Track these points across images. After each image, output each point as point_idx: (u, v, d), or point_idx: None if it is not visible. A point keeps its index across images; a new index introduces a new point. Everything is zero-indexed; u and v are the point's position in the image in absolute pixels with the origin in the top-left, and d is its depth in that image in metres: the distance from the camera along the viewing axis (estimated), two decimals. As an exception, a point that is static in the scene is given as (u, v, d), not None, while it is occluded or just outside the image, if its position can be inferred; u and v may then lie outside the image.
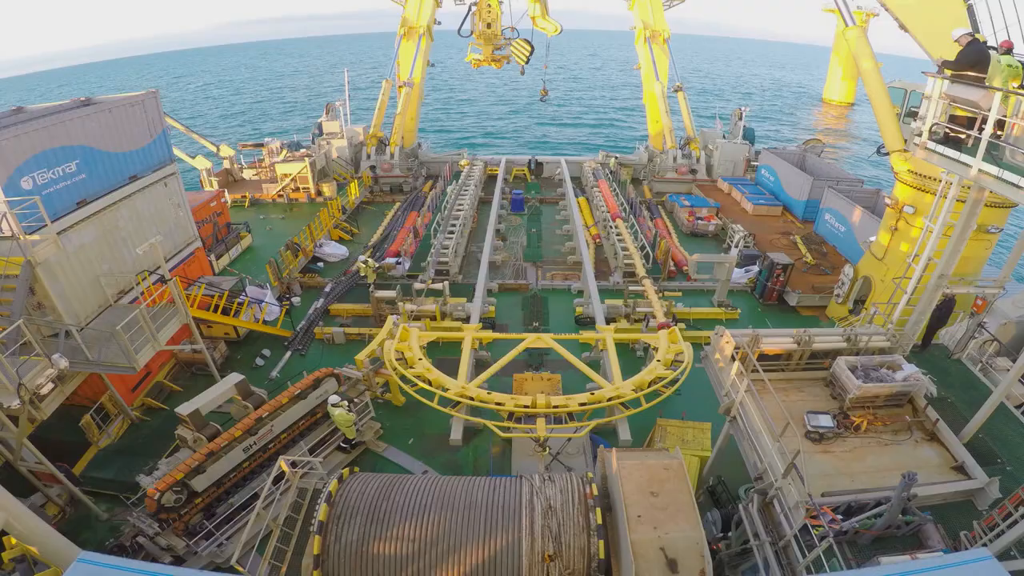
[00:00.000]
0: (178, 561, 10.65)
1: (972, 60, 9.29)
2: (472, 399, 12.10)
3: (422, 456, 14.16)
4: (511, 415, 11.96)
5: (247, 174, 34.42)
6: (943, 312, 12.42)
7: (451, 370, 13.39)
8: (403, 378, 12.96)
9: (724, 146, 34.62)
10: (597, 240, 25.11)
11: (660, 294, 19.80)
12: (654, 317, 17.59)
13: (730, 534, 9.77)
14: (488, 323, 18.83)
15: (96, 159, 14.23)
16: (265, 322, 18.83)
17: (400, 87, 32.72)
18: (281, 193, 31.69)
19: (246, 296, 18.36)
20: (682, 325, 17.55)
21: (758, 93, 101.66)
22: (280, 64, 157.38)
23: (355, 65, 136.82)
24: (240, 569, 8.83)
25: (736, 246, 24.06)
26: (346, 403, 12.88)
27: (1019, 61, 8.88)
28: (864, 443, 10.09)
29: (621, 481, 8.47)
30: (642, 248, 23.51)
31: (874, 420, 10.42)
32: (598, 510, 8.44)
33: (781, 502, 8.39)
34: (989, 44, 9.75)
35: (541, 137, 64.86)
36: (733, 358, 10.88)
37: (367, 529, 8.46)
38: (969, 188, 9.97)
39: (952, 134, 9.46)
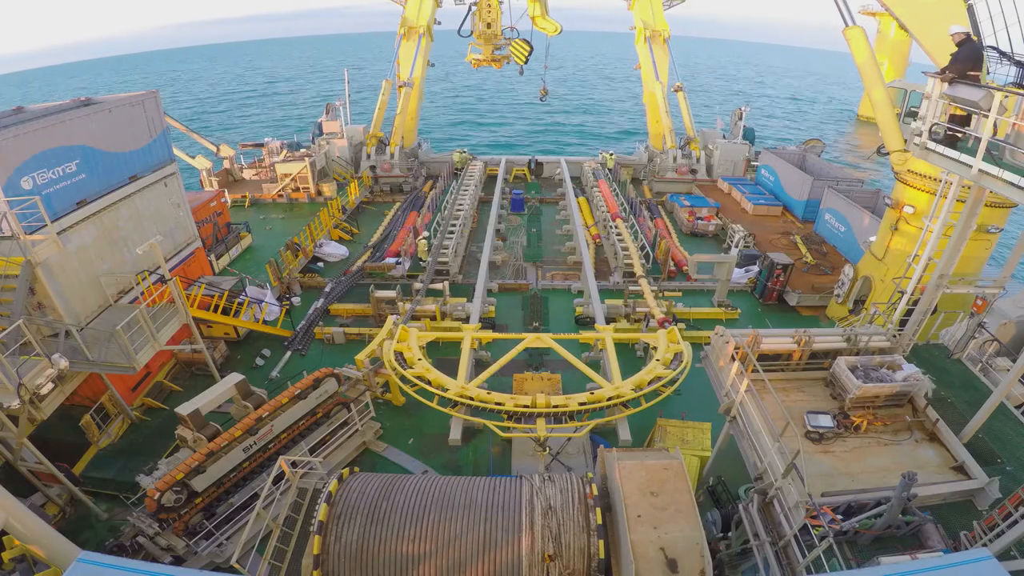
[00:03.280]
0: (178, 561, 10.64)
1: (972, 60, 9.28)
2: (472, 399, 12.11)
3: (422, 456, 14.16)
4: (511, 415, 11.95)
5: (247, 174, 34.42)
6: None
7: (451, 370, 13.40)
8: (403, 378, 12.97)
9: (724, 146, 34.64)
10: (597, 240, 25.11)
11: (660, 294, 19.82)
12: (653, 317, 17.60)
13: (730, 534, 9.76)
14: (488, 323, 18.83)
15: (96, 159, 14.23)
16: (265, 322, 18.82)
17: (400, 87, 32.72)
18: (281, 193, 31.70)
19: (246, 296, 18.36)
20: (682, 325, 17.56)
21: (785, 106, 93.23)
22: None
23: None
24: (240, 569, 8.82)
25: (736, 246, 24.07)
26: None
27: None
28: (864, 443, 10.09)
29: (621, 481, 8.47)
30: (642, 248, 23.51)
31: (874, 420, 10.42)
32: (598, 510, 8.43)
33: (781, 502, 8.39)
34: (989, 44, 9.74)
35: (541, 137, 64.86)
36: (733, 358, 10.88)
37: (367, 529, 8.45)
38: (969, 188, 9.98)
39: (950, 133, 9.46)
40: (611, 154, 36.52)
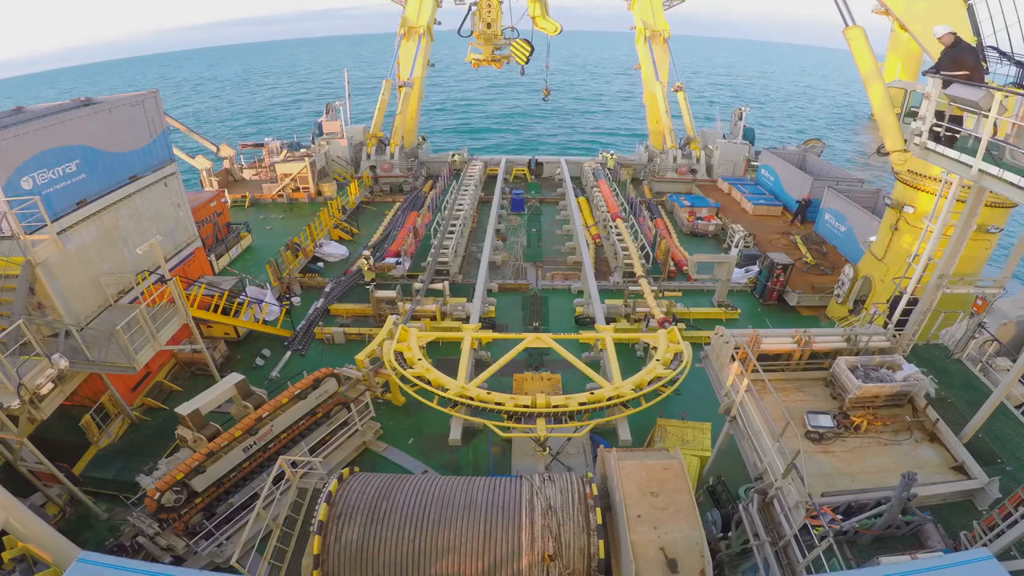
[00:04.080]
0: (178, 561, 10.65)
1: (970, 59, 9.25)
2: (472, 399, 12.10)
3: (422, 456, 14.16)
4: (511, 415, 11.95)
5: (247, 174, 34.43)
6: None
7: (451, 370, 13.40)
8: (403, 378, 12.97)
9: (724, 146, 34.64)
10: (597, 240, 25.11)
11: (660, 294, 19.81)
12: (652, 317, 17.60)
13: (730, 534, 9.76)
14: (488, 323, 18.83)
15: (96, 159, 14.23)
16: (265, 322, 18.82)
17: (400, 87, 32.73)
18: (281, 193, 31.70)
19: (246, 296, 18.36)
20: (682, 325, 17.57)
21: (797, 107, 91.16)
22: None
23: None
24: (240, 569, 8.83)
25: (736, 246, 24.07)
26: None
27: None
28: (864, 443, 10.09)
29: (621, 481, 8.47)
30: (642, 248, 23.51)
31: (874, 420, 10.42)
32: (598, 510, 8.43)
33: (781, 502, 8.39)
34: (989, 44, 9.73)
35: (541, 137, 64.87)
36: (733, 358, 10.88)
37: (367, 529, 8.45)
38: (969, 188, 9.97)
39: (947, 132, 9.45)
40: (611, 154, 36.53)
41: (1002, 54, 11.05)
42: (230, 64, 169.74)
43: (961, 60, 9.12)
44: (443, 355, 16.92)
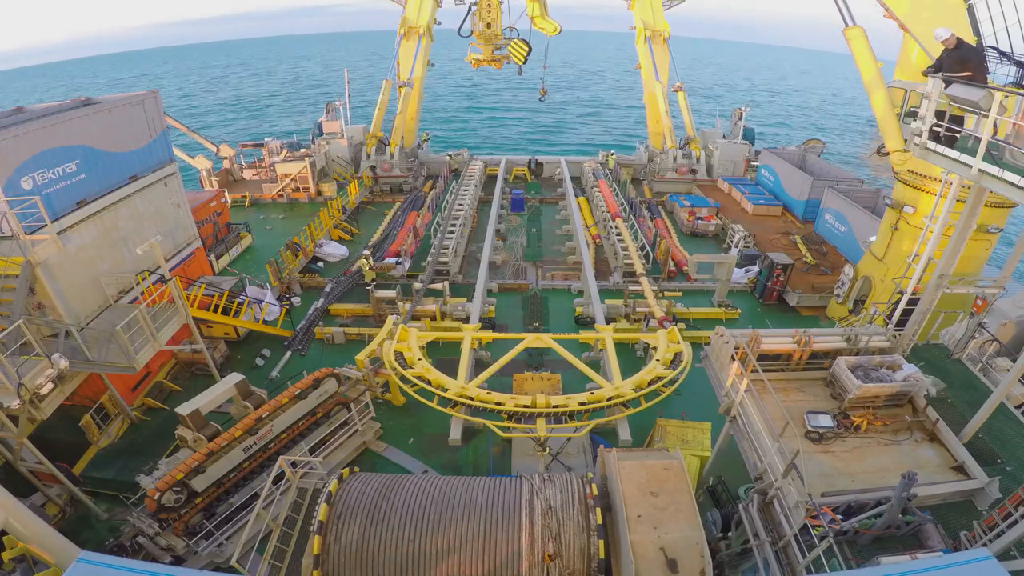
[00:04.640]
0: (178, 561, 10.65)
1: (973, 60, 9.26)
2: (472, 399, 12.10)
3: (422, 456, 14.16)
4: (511, 415, 11.95)
5: (247, 174, 34.43)
6: None
7: (451, 370, 13.40)
8: (403, 378, 12.97)
9: (724, 146, 34.64)
10: (597, 240, 25.11)
11: (660, 294, 19.81)
12: (653, 316, 17.60)
13: (730, 534, 9.76)
14: (488, 323, 18.83)
15: (96, 159, 14.23)
16: (265, 322, 18.82)
17: (400, 87, 32.74)
18: (281, 193, 31.70)
19: (246, 296, 18.36)
20: (682, 325, 17.57)
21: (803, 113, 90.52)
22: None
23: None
24: (240, 569, 8.83)
25: (736, 246, 24.08)
26: None
27: None
28: (864, 443, 10.09)
29: (621, 481, 8.47)
30: (642, 248, 23.51)
31: (874, 420, 10.41)
32: (598, 510, 8.43)
33: (781, 502, 8.39)
34: (989, 44, 9.73)
35: (541, 137, 64.88)
36: (733, 358, 10.88)
37: (367, 529, 8.45)
38: (969, 188, 9.97)
39: (947, 133, 9.45)
40: (611, 154, 36.53)
41: (1002, 54, 11.06)
42: (194, 63, 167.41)
43: (965, 61, 9.13)
44: (443, 355, 16.92)
